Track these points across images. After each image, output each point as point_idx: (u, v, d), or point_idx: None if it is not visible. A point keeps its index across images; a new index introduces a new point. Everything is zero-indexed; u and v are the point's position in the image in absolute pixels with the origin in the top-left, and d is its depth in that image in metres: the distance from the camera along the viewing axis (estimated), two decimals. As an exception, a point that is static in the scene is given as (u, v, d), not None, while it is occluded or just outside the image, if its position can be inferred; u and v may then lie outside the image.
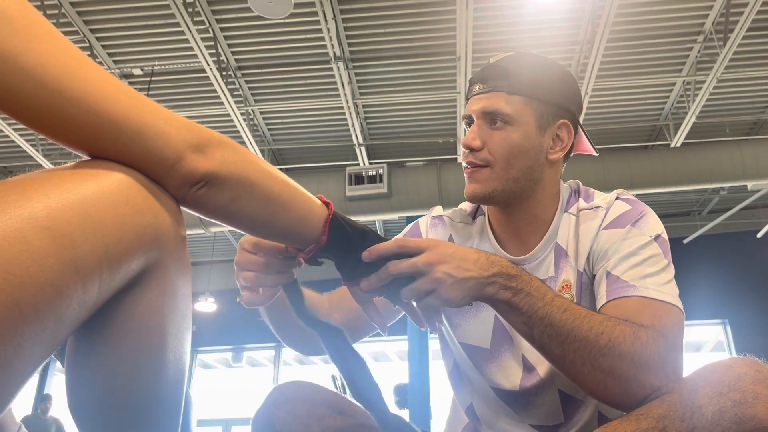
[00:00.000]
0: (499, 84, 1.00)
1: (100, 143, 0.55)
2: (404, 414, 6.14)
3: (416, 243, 0.79)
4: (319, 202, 0.75)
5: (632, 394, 0.77)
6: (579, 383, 0.80)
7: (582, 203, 1.04)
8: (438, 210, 1.18)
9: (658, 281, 0.88)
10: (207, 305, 7.97)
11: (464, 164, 1.03)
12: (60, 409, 6.61)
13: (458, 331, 1.09)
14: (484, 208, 1.13)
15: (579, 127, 1.07)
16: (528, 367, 1.01)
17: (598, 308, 0.90)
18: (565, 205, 1.06)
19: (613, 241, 0.95)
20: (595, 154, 1.14)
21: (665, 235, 0.96)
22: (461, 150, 1.04)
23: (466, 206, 1.17)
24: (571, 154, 1.09)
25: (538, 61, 1.04)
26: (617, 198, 1.02)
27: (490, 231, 1.09)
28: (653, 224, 0.96)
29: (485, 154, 0.99)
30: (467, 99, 1.07)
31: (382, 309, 0.91)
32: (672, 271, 0.92)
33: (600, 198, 1.04)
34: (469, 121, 1.04)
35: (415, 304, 0.83)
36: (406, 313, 0.86)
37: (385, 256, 0.77)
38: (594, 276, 0.96)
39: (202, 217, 0.66)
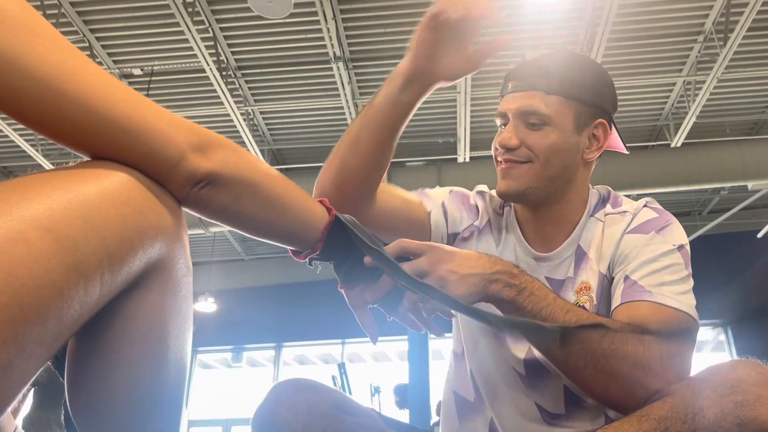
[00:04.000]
0: (537, 83, 0.98)
1: (102, 144, 0.55)
2: (404, 414, 6.13)
3: (417, 245, 0.79)
4: (321, 207, 0.75)
5: (635, 396, 0.77)
6: (582, 386, 0.80)
7: (609, 208, 1.04)
8: (483, 187, 1.18)
9: (675, 290, 0.87)
10: (207, 305, 7.96)
11: (499, 160, 1.02)
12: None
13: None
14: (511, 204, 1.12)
15: (613, 125, 1.06)
16: (532, 355, 1.00)
17: (612, 310, 0.90)
18: (593, 210, 1.06)
19: (636, 245, 0.94)
20: (626, 152, 1.14)
21: (688, 247, 0.95)
22: (495, 148, 1.03)
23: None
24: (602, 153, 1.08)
25: (576, 59, 1.03)
26: (645, 206, 1.02)
27: (517, 225, 1.09)
28: (678, 234, 0.96)
29: (525, 152, 0.98)
30: (501, 96, 1.06)
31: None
32: (691, 282, 0.91)
33: (628, 204, 1.05)
34: (503, 119, 1.04)
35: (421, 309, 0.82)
36: (402, 322, 0.86)
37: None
38: (613, 279, 0.96)
39: (202, 217, 0.66)
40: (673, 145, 6.11)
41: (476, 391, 1.09)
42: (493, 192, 1.14)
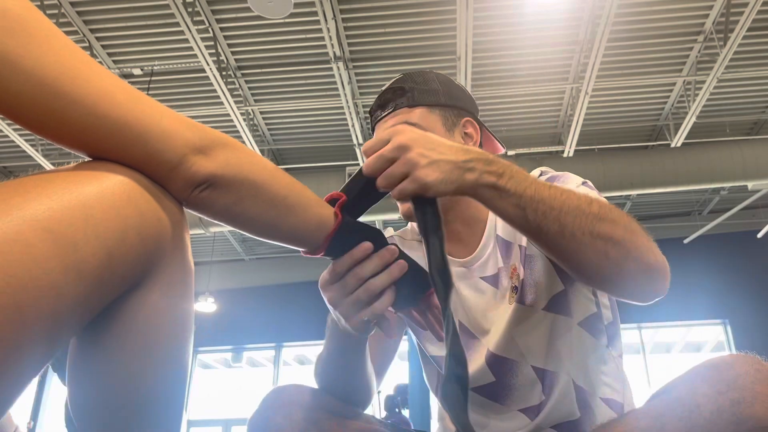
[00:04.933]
0: (399, 102, 1.07)
1: (102, 145, 0.55)
2: (404, 414, 6.13)
3: (379, 138, 0.76)
4: (327, 208, 0.74)
5: (631, 258, 0.76)
6: (581, 258, 0.77)
7: None
8: (389, 231, 1.21)
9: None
10: (207, 305, 7.96)
11: None
12: (56, 415, 6.56)
13: (429, 346, 1.12)
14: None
15: (484, 127, 1.13)
16: (494, 357, 1.01)
17: None
18: None
19: None
20: (503, 150, 1.17)
21: (591, 184, 0.99)
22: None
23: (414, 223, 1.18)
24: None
25: (422, 74, 1.11)
26: (540, 174, 1.06)
27: None
28: (574, 178, 1.00)
29: None
30: (373, 129, 1.12)
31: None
32: None
33: None
34: None
35: (398, 203, 0.80)
36: (407, 320, 0.86)
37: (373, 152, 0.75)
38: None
39: (202, 217, 0.65)
40: (673, 145, 6.10)
41: None
42: (402, 230, 1.21)
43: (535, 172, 1.06)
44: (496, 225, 1.06)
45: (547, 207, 0.74)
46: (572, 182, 0.99)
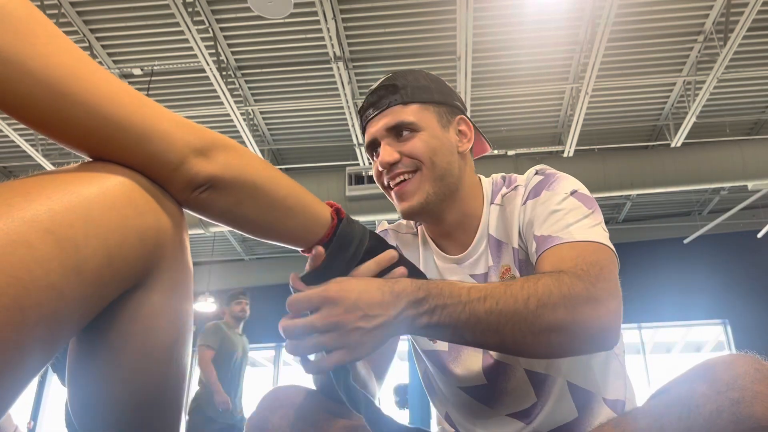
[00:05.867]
0: (392, 99, 1.05)
1: (103, 146, 0.55)
2: (404, 414, 6.13)
3: (308, 297, 0.71)
4: (326, 211, 0.74)
5: (580, 334, 0.75)
6: (530, 355, 0.80)
7: (504, 190, 1.07)
8: (383, 225, 1.22)
9: (581, 227, 0.89)
10: (207, 305, 7.96)
11: (387, 184, 1.06)
12: (56, 415, 6.54)
13: (420, 340, 1.12)
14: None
15: (474, 126, 1.12)
16: (490, 358, 1.02)
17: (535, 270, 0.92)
18: (491, 198, 1.09)
19: (533, 209, 0.98)
20: (490, 150, 1.18)
21: (583, 190, 0.98)
22: (378, 175, 1.07)
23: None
24: (474, 156, 1.14)
25: (413, 72, 1.10)
26: (536, 173, 1.05)
27: (429, 239, 1.13)
28: (566, 183, 0.99)
29: (408, 161, 1.02)
30: (363, 128, 1.11)
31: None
32: (598, 217, 0.93)
33: (520, 179, 1.07)
34: (374, 147, 1.08)
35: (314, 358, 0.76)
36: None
37: (305, 309, 0.71)
38: (528, 249, 0.99)
39: (203, 218, 0.66)
40: (673, 145, 6.10)
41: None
42: (397, 223, 1.21)
43: (531, 171, 1.06)
44: (488, 224, 1.06)
45: (485, 325, 0.74)
46: (561, 190, 0.97)
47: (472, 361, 1.03)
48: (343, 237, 0.75)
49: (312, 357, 0.75)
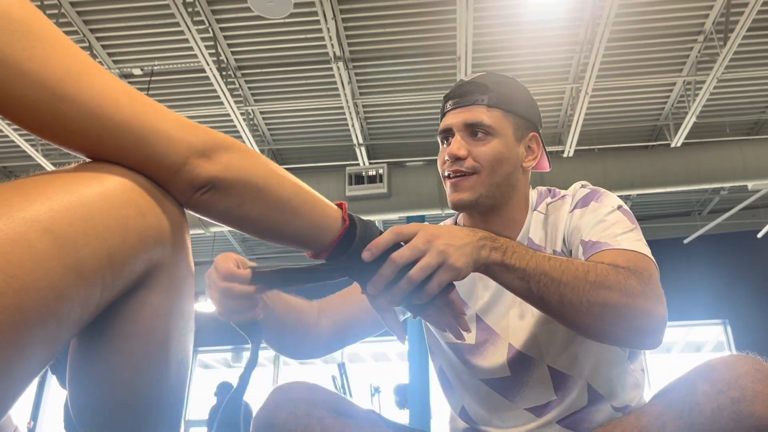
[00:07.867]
0: (478, 98, 1.08)
1: (104, 147, 0.55)
2: (404, 414, 6.13)
3: (408, 227, 0.81)
4: (335, 212, 0.75)
5: (632, 321, 0.80)
6: (579, 323, 0.82)
7: (549, 199, 1.13)
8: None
9: (629, 238, 0.94)
10: (207, 305, 7.95)
11: (447, 173, 1.09)
12: (56, 416, 6.52)
13: (446, 335, 1.13)
14: (458, 216, 1.20)
15: (542, 143, 1.16)
16: (515, 352, 1.04)
17: None
18: (536, 206, 1.13)
19: (582, 216, 1.03)
20: (549, 169, 1.22)
21: (627, 208, 1.04)
22: (442, 161, 1.10)
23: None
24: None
25: (507, 80, 1.14)
26: (582, 186, 1.11)
27: None
28: (613, 198, 1.06)
29: (471, 163, 1.06)
30: (443, 114, 1.14)
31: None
32: (640, 233, 0.98)
33: (566, 191, 1.13)
34: (447, 134, 1.11)
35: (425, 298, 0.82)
36: (428, 321, 0.87)
37: (385, 249, 0.78)
38: (571, 252, 1.03)
39: (205, 219, 0.65)
40: (673, 145, 6.10)
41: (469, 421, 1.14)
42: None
43: (577, 185, 1.11)
44: (529, 228, 1.10)
45: (548, 279, 0.80)
46: (608, 204, 1.02)
47: (498, 353, 1.06)
48: (363, 240, 0.77)
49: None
